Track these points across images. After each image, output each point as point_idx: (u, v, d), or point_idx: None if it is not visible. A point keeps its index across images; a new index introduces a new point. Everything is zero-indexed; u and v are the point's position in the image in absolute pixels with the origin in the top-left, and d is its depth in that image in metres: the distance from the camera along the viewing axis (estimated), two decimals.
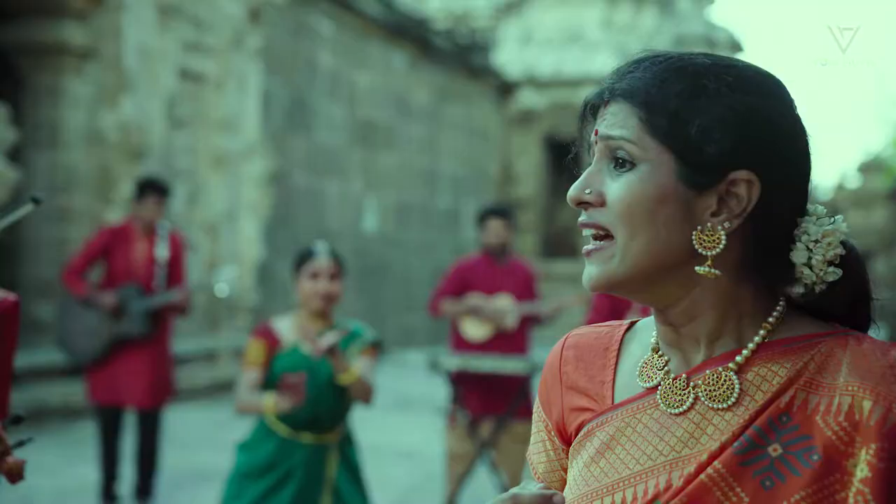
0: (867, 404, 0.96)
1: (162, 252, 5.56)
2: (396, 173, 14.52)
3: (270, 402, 3.56)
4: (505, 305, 5.31)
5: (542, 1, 18.62)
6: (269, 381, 3.66)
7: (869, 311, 1.08)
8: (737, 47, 23.78)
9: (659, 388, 1.07)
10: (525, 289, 5.41)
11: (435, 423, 8.05)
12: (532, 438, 1.22)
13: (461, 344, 5.43)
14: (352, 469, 3.73)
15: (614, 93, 1.07)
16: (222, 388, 9.63)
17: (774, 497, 0.97)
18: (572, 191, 1.07)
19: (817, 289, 1.05)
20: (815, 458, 0.97)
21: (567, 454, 1.16)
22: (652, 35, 18.47)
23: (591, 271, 1.05)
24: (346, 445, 3.74)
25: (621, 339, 1.16)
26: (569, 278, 17.31)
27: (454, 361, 5.15)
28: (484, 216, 5.51)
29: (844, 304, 1.06)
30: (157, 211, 5.55)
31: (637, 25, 18.42)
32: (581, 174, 1.10)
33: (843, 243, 1.05)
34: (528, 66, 18.20)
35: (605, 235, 1.05)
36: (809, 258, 1.04)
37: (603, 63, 17.92)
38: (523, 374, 5.22)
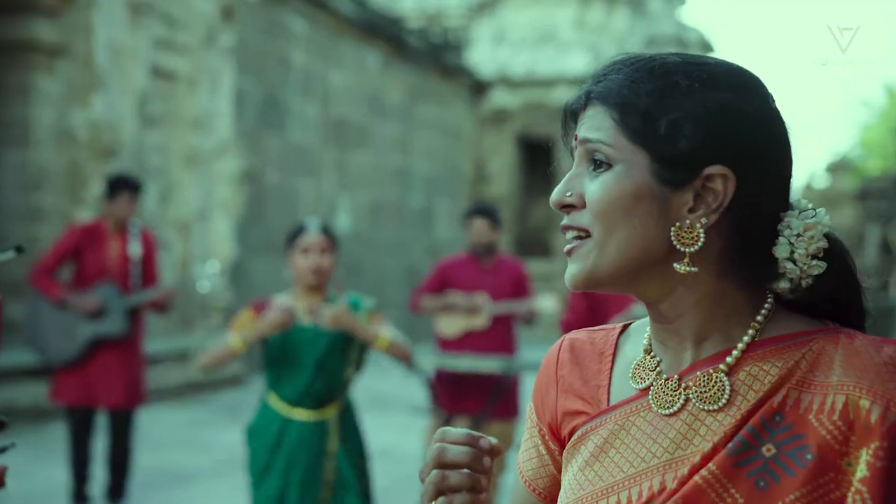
0: (864, 404, 0.96)
1: (135, 250, 5.50)
2: (369, 172, 14.49)
3: (236, 338, 3.57)
4: (478, 305, 5.32)
5: (514, 0, 18.66)
6: (266, 356, 3.70)
7: (860, 302, 1.08)
8: (708, 48, 23.96)
9: (651, 388, 1.07)
10: (512, 288, 5.41)
11: (410, 422, 8.05)
12: (523, 445, 1.21)
13: (442, 343, 5.46)
14: (353, 443, 3.75)
15: (591, 96, 1.08)
16: (195, 389, 9.58)
17: (769, 497, 0.97)
18: (554, 195, 1.08)
19: (803, 283, 1.05)
20: (809, 457, 0.97)
21: (560, 455, 1.16)
22: (624, 35, 18.57)
23: (571, 269, 1.06)
24: (346, 419, 3.76)
25: (616, 342, 1.16)
26: (543, 277, 17.34)
27: (432, 360, 5.15)
28: (468, 216, 5.53)
29: (831, 298, 1.06)
30: (129, 208, 5.49)
31: (609, 26, 18.51)
32: (561, 179, 1.11)
33: (827, 236, 1.05)
34: (501, 65, 18.24)
35: (585, 235, 1.05)
36: (792, 252, 1.04)
37: (576, 63, 17.98)
38: (500, 373, 5.23)
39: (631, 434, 1.07)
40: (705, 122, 1.02)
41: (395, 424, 8.39)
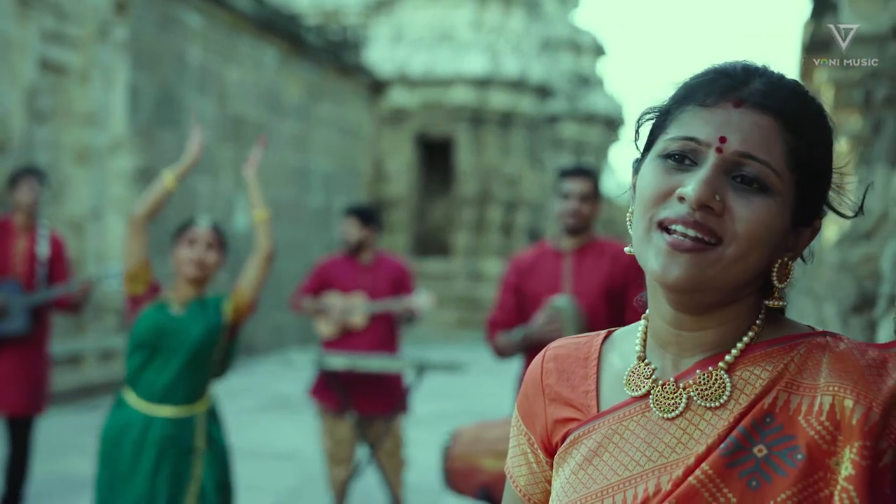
0: (849, 403, 0.99)
1: (43, 250, 5.31)
2: (267, 171, 14.29)
3: (168, 175, 3.65)
4: (355, 304, 5.33)
5: (412, 0, 18.68)
6: (132, 339, 3.61)
7: None
8: (600, 51, 24.46)
9: (650, 395, 1.08)
10: (391, 287, 5.42)
11: (313, 423, 7.99)
12: (511, 452, 1.21)
13: (324, 344, 5.46)
14: (219, 442, 3.70)
15: (762, 103, 1.02)
16: (88, 393, 9.30)
17: (761, 497, 0.99)
18: (702, 192, 1.01)
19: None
20: (800, 457, 0.99)
21: (552, 466, 1.16)
22: (520, 37, 18.80)
23: (684, 267, 1.02)
24: (212, 417, 3.71)
25: (600, 349, 1.17)
26: (441, 276, 17.44)
27: (341, 361, 5.12)
28: (343, 215, 5.59)
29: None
30: (32, 195, 5.26)
31: (506, 27, 18.71)
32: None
33: None
34: (399, 64, 18.25)
35: (710, 242, 1.02)
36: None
37: (473, 63, 18.12)
38: (399, 372, 5.28)
39: (625, 438, 1.08)
40: (833, 170, 1.07)
41: (300, 425, 8.32)
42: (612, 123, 24.45)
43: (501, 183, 18.15)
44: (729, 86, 1.03)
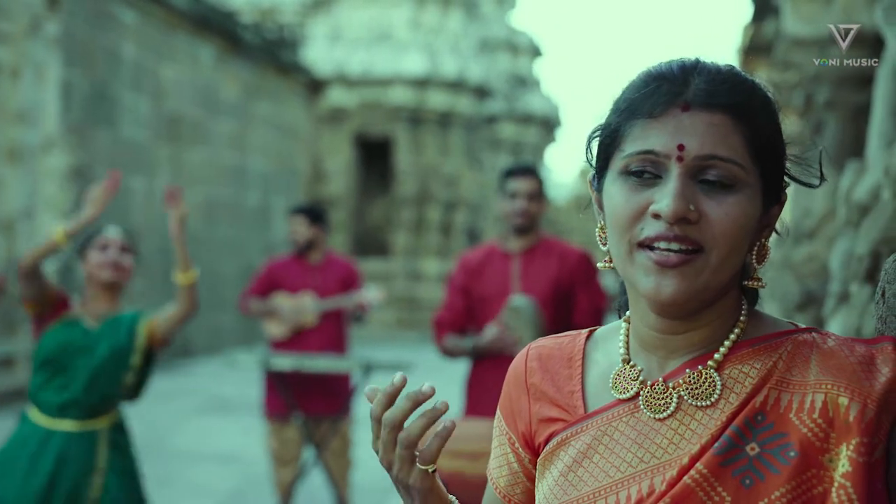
0: (843, 401, 0.99)
1: None
2: (204, 170, 14.12)
3: (59, 230, 3.42)
4: (305, 303, 5.31)
5: None
6: (38, 356, 3.48)
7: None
8: (537, 52, 24.63)
9: (639, 396, 1.08)
10: (340, 286, 5.41)
11: (255, 424, 7.91)
12: (493, 453, 1.20)
13: (273, 344, 5.41)
14: (125, 459, 3.55)
15: (709, 101, 1.01)
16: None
17: (755, 495, 0.99)
18: (677, 206, 1.00)
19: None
20: (793, 454, 1.00)
21: (532, 464, 1.15)
22: (458, 37, 18.84)
23: (675, 283, 1.01)
24: (119, 434, 3.56)
25: (584, 348, 1.16)
26: (380, 276, 17.38)
27: (287, 362, 5.08)
28: (290, 215, 5.56)
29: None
30: None
31: (444, 27, 18.73)
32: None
33: None
34: (337, 63, 18.14)
35: (694, 250, 1.02)
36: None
37: (412, 63, 18.10)
38: (347, 372, 5.26)
39: (615, 439, 1.07)
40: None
41: (240, 427, 8.22)
42: (548, 124, 24.64)
43: (440, 183, 18.16)
44: (672, 91, 1.02)
